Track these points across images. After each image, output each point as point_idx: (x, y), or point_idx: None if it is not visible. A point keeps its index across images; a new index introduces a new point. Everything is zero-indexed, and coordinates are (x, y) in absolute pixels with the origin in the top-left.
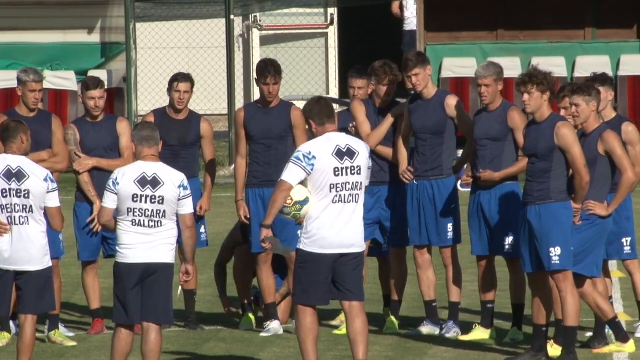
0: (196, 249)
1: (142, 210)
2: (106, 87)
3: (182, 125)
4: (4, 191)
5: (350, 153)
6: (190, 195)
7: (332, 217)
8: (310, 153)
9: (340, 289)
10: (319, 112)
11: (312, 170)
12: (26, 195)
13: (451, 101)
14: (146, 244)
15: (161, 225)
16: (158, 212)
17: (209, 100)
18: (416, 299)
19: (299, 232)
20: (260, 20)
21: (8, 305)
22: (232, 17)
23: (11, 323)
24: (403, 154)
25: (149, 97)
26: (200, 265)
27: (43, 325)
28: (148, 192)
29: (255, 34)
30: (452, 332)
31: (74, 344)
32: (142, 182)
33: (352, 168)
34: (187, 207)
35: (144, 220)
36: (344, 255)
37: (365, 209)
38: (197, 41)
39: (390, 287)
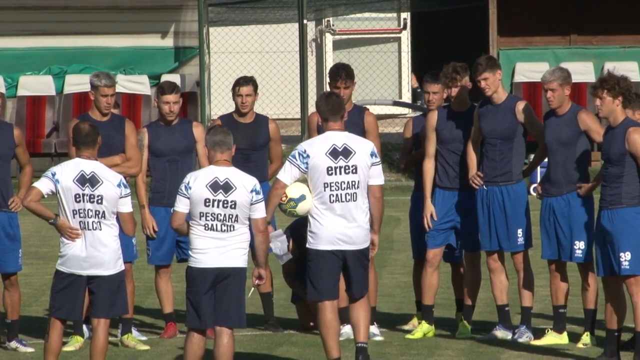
0: (268, 254)
1: (215, 214)
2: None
3: (250, 128)
4: (77, 196)
5: (347, 152)
6: (263, 200)
7: (332, 215)
8: (305, 151)
9: (347, 283)
10: (325, 109)
11: (306, 168)
12: (99, 201)
13: (521, 106)
14: (219, 249)
15: (233, 229)
16: (230, 216)
17: (281, 104)
18: (489, 304)
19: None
20: (333, 25)
21: (81, 309)
22: (305, 21)
23: (84, 327)
24: (472, 159)
25: (222, 102)
26: (274, 269)
27: (116, 329)
28: (220, 196)
29: (328, 39)
30: (525, 336)
31: (146, 347)
32: (214, 186)
33: (347, 167)
34: (260, 212)
35: (216, 225)
36: (348, 251)
37: (440, 215)
38: (270, 45)
39: (463, 292)
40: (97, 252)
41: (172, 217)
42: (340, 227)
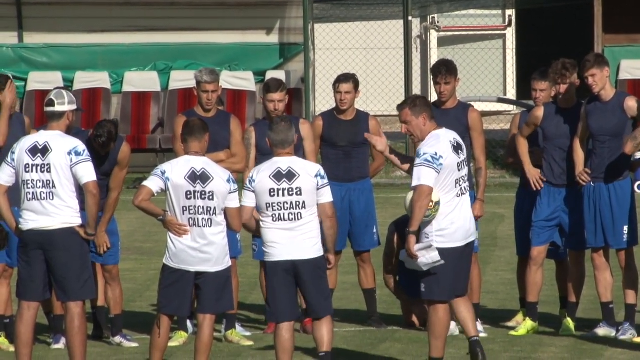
0: (370, 249)
1: (281, 203)
2: None
3: (351, 125)
4: (188, 193)
5: (460, 146)
6: (329, 184)
7: (459, 209)
8: (436, 153)
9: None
10: (431, 108)
11: (441, 169)
12: (211, 197)
13: (632, 102)
14: (289, 240)
15: (301, 217)
16: (297, 203)
17: (386, 101)
18: (592, 301)
19: (425, 231)
20: (438, 22)
21: (189, 305)
22: (410, 18)
23: (188, 322)
24: (580, 155)
25: (327, 98)
26: (377, 266)
27: (220, 325)
28: (284, 185)
29: (433, 35)
30: (628, 334)
31: (250, 343)
32: (278, 176)
33: (465, 161)
34: (326, 196)
35: (283, 214)
36: (467, 244)
37: (547, 212)
38: (374, 42)
39: (567, 289)
40: (206, 248)
41: (241, 212)
42: (465, 221)
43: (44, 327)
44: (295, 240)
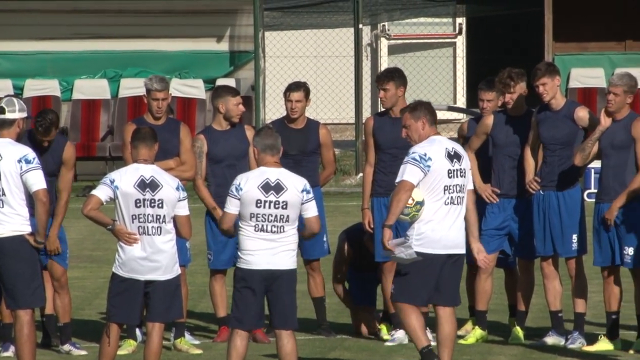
0: (319, 258)
1: (266, 215)
2: None
3: (301, 133)
4: (137, 201)
5: (457, 156)
6: (313, 199)
7: (443, 218)
8: (426, 155)
9: (439, 291)
10: (432, 114)
11: (428, 171)
12: (160, 205)
13: (582, 113)
14: (269, 250)
15: (283, 230)
16: (282, 217)
17: (336, 109)
18: (542, 309)
19: (407, 233)
20: (388, 30)
21: (138, 314)
22: (360, 26)
23: (137, 330)
24: (530, 164)
25: (277, 106)
26: (326, 274)
27: (169, 333)
28: (272, 197)
29: (384, 43)
30: (577, 342)
31: (199, 352)
32: (266, 187)
33: (461, 170)
34: (312, 210)
35: (266, 226)
36: (451, 256)
37: (497, 222)
38: (325, 50)
39: (516, 298)
40: (155, 256)
41: (223, 219)
42: (449, 231)
43: None
44: (275, 250)
